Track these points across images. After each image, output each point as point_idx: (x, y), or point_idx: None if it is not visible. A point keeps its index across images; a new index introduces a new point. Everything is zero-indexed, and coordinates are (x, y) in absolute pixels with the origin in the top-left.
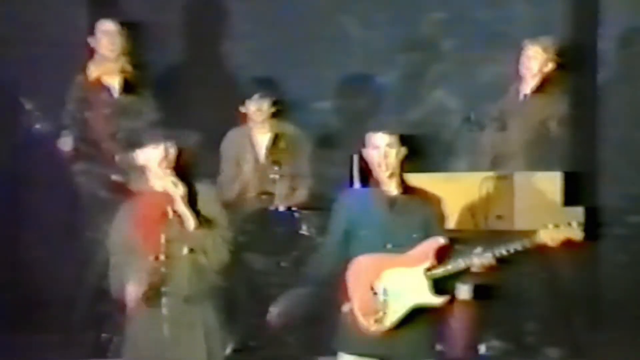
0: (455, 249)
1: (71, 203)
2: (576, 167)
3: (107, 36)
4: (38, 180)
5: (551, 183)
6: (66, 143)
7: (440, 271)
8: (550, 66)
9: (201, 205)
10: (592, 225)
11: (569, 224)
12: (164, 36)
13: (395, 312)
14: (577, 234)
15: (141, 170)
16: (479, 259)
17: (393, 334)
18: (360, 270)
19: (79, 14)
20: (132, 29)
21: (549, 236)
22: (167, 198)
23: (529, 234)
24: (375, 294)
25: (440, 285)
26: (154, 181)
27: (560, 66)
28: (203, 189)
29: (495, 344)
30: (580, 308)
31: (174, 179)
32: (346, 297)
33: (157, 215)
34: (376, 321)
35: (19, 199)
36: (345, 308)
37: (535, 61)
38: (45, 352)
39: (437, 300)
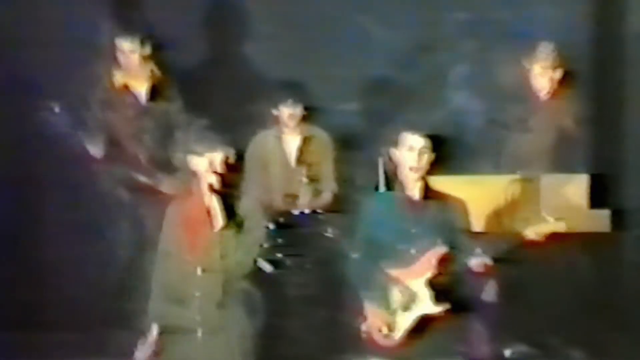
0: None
1: (94, 203)
2: (602, 169)
3: (124, 54)
4: (61, 181)
5: (577, 186)
6: (97, 148)
7: (441, 279)
8: (559, 73)
9: (239, 211)
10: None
11: (556, 219)
12: (188, 39)
13: (402, 326)
14: (560, 226)
15: (192, 173)
16: (476, 261)
17: (418, 337)
18: None
19: (102, 16)
20: (156, 33)
21: (534, 231)
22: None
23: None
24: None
25: (445, 294)
26: (200, 185)
27: (571, 68)
28: (244, 198)
29: (520, 348)
30: (604, 309)
31: (213, 180)
32: (363, 316)
33: (197, 216)
34: (385, 336)
35: (41, 198)
36: (363, 327)
37: (543, 78)
38: (66, 351)
39: (437, 309)
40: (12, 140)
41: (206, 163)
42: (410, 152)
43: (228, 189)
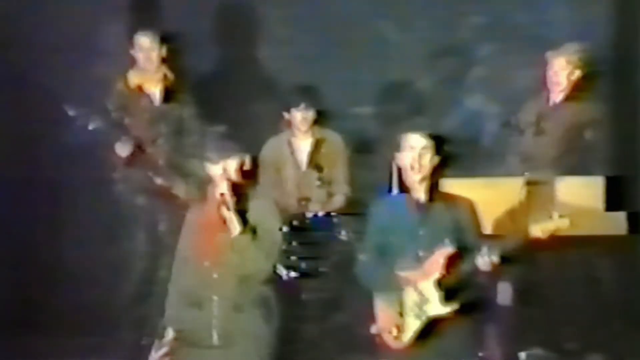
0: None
1: (112, 209)
2: (618, 171)
3: (143, 50)
4: (79, 184)
5: (593, 188)
6: (124, 148)
7: (449, 280)
8: (577, 74)
9: (252, 216)
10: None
11: (560, 216)
12: (203, 43)
13: (411, 328)
14: (564, 222)
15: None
16: (483, 260)
17: (430, 340)
18: None
19: (120, 22)
20: (171, 37)
21: (540, 229)
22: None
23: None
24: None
25: (454, 294)
26: (214, 190)
27: (589, 72)
28: (257, 202)
29: (536, 351)
30: (621, 312)
31: (224, 188)
32: (373, 319)
33: (213, 222)
34: (395, 338)
35: (59, 202)
36: (373, 330)
37: (563, 72)
38: (78, 354)
39: (446, 310)
40: (29, 143)
41: (220, 170)
42: (410, 151)
43: (242, 194)
